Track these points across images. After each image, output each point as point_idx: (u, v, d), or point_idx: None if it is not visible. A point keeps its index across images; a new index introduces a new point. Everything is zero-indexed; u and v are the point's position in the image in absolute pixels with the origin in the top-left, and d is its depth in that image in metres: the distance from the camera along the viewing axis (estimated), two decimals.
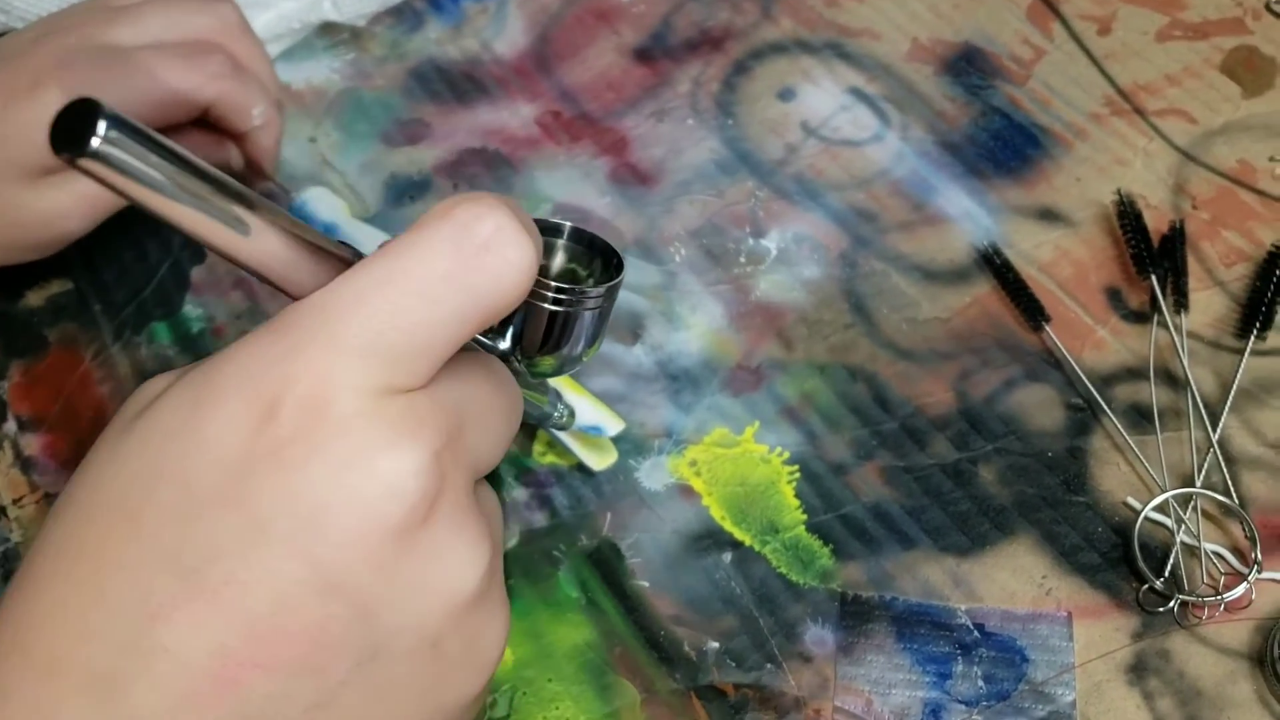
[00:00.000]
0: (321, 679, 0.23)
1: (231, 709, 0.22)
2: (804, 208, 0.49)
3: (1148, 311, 0.45)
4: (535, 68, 0.54)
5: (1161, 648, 0.38)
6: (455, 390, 0.25)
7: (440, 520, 0.24)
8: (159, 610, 0.22)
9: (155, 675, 0.22)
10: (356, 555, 0.23)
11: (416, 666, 0.24)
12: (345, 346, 0.23)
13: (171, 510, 0.22)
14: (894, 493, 0.41)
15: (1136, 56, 0.53)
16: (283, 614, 0.22)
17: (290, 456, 0.22)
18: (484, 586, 0.25)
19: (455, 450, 0.24)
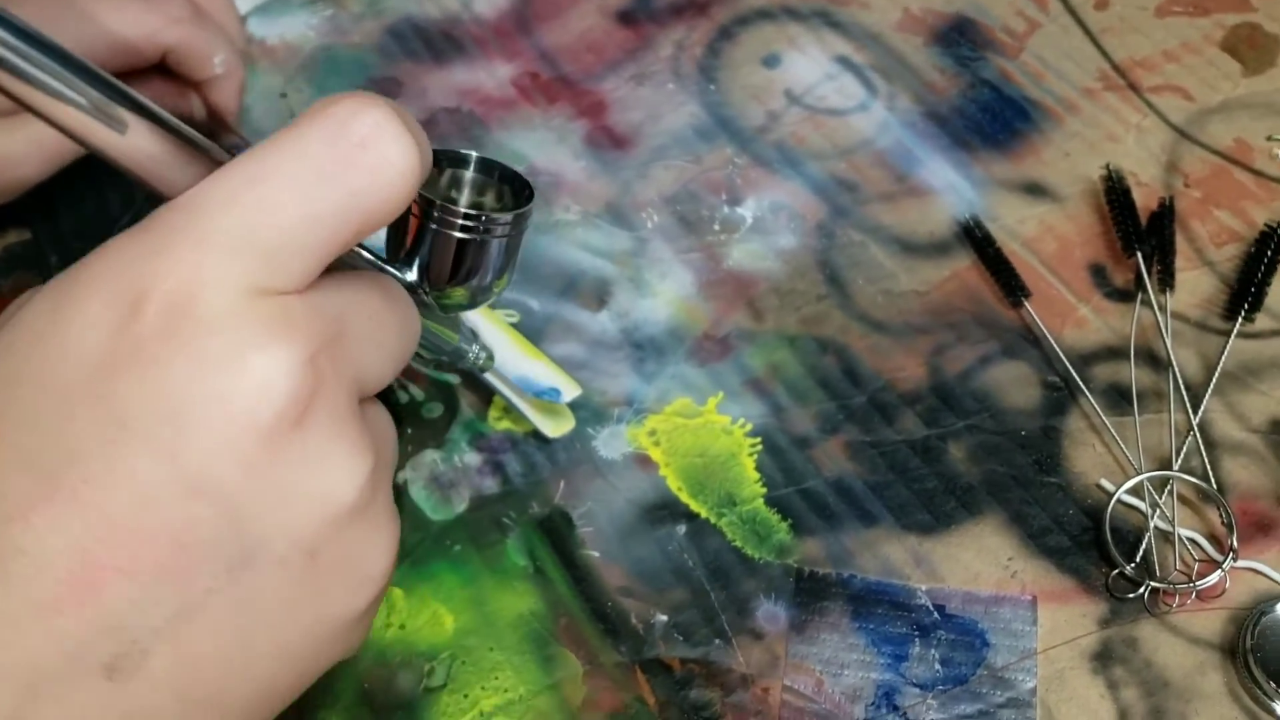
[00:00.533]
0: (187, 585, 0.22)
1: (92, 615, 0.21)
2: (783, 176, 0.47)
3: (1132, 290, 0.43)
4: (515, 28, 0.53)
5: (1129, 635, 0.36)
6: (338, 298, 0.24)
7: (314, 425, 0.23)
8: (16, 512, 0.21)
9: (12, 579, 0.21)
10: (222, 456, 0.22)
11: (291, 576, 0.23)
12: (214, 243, 0.22)
13: (31, 412, 0.22)
14: (858, 468, 0.39)
15: (1134, 31, 0.51)
16: (144, 515, 0.21)
17: (154, 354, 0.21)
18: (364, 499, 0.24)
19: (334, 357, 0.23)
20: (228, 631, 0.23)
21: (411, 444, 0.40)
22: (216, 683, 0.23)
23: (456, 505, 0.39)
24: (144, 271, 0.22)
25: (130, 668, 0.22)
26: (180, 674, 0.23)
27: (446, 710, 0.35)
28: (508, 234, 0.29)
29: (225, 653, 0.23)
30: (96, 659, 0.22)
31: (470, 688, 0.36)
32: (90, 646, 0.22)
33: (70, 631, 0.21)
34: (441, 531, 0.39)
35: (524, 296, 0.44)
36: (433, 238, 0.28)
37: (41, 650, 0.21)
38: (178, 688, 0.23)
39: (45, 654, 0.21)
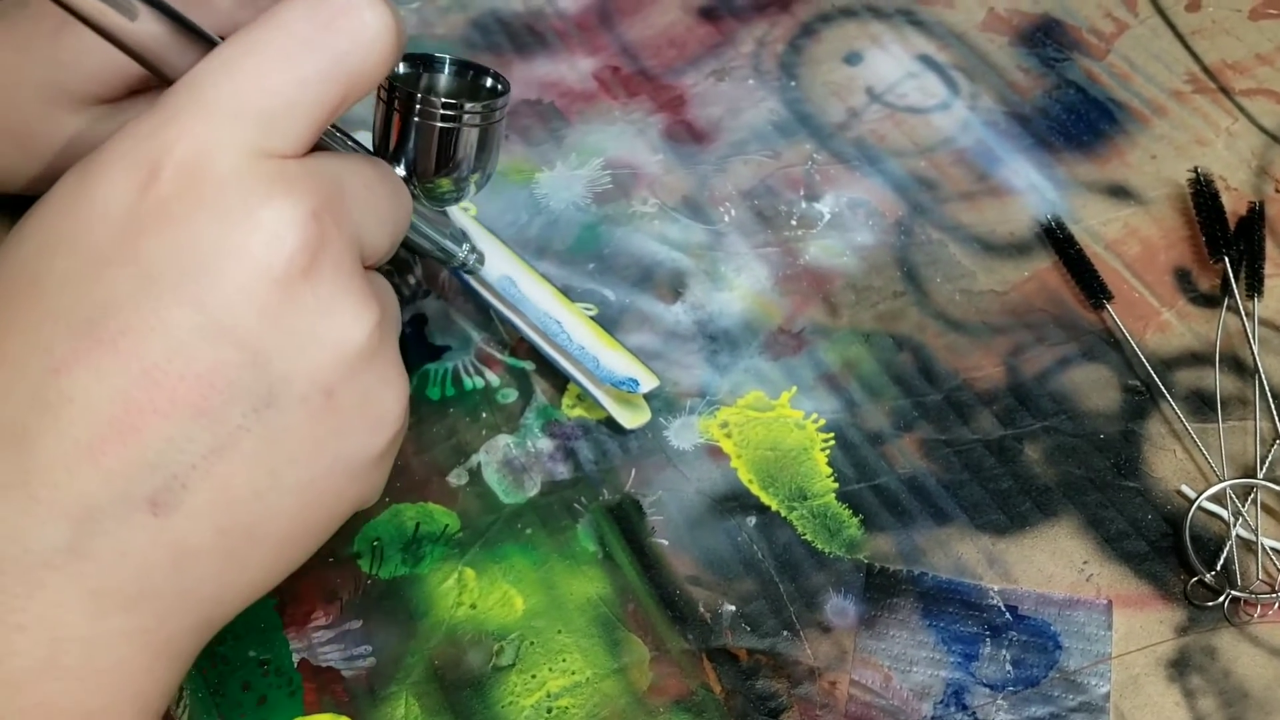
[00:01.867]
0: (218, 423, 0.24)
1: (135, 453, 0.24)
2: (862, 173, 0.47)
3: (1218, 295, 0.42)
4: (598, 22, 0.53)
5: (1207, 644, 0.35)
6: (333, 165, 0.26)
7: (323, 274, 0.25)
8: (61, 364, 0.23)
9: (61, 425, 0.23)
10: (243, 301, 0.24)
11: (312, 414, 0.26)
12: (217, 111, 0.24)
13: (67, 272, 0.24)
14: (932, 466, 0.39)
15: (1226, 34, 0.50)
16: (177, 360, 0.24)
17: (174, 213, 0.24)
18: (373, 345, 0.26)
19: (335, 213, 0.26)
20: (258, 467, 0.25)
21: (486, 428, 0.41)
22: (250, 516, 0.25)
23: (529, 489, 0.40)
24: (157, 141, 0.24)
25: (172, 502, 0.24)
26: (217, 507, 0.25)
27: (514, 690, 0.35)
28: (485, 122, 0.31)
29: (256, 487, 0.25)
30: (141, 494, 0.24)
31: (538, 668, 0.36)
32: (135, 483, 0.24)
33: (116, 470, 0.24)
34: (513, 514, 0.39)
35: (600, 287, 0.44)
36: (416, 131, 0.30)
37: (91, 488, 0.24)
38: (216, 520, 0.25)
39: (95, 492, 0.24)
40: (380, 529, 0.39)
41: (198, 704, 0.36)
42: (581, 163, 0.48)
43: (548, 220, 0.46)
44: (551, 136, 0.49)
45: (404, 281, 0.45)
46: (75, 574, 0.24)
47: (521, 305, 0.39)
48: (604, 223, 0.46)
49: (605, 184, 0.47)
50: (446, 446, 0.41)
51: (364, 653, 0.37)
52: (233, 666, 0.36)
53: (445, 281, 0.45)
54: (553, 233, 0.46)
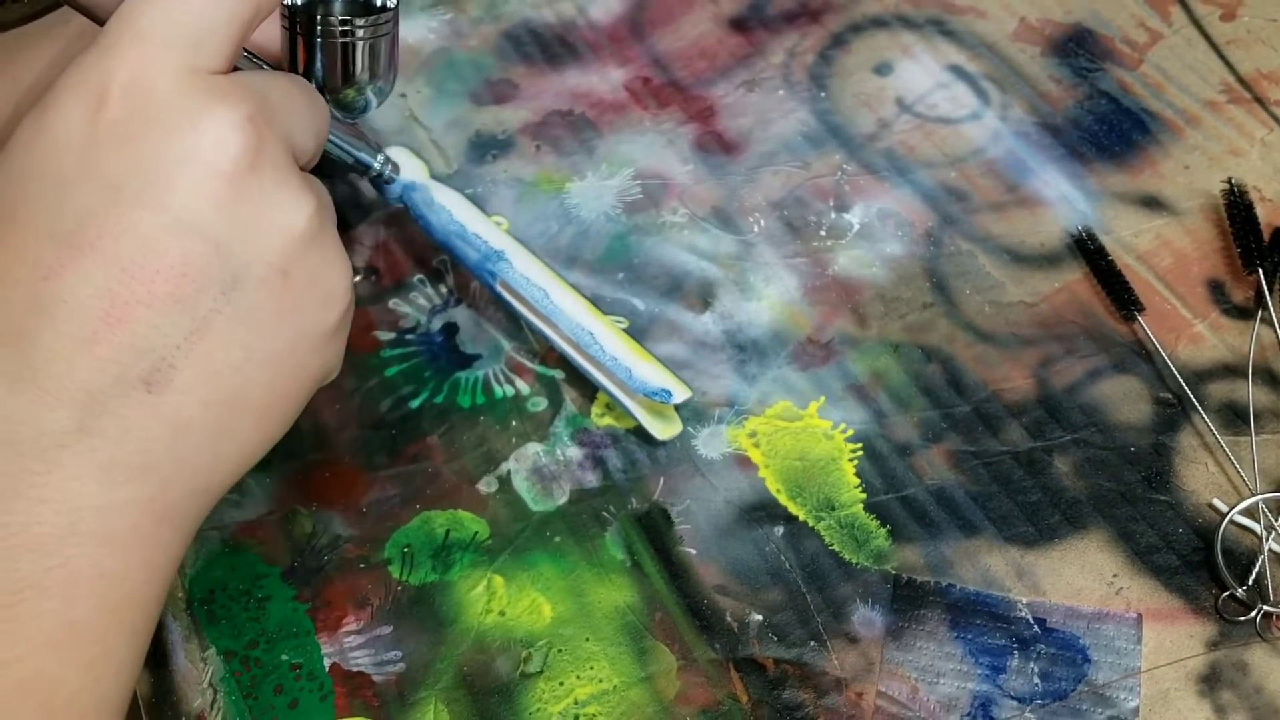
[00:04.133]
0: (193, 307, 0.28)
1: (125, 340, 0.27)
2: (892, 184, 0.47)
3: (1251, 308, 0.42)
4: (629, 33, 0.53)
5: (1239, 659, 0.35)
6: (255, 79, 0.30)
7: (264, 170, 0.29)
8: (49, 271, 0.27)
9: (57, 323, 0.27)
10: (199, 198, 0.27)
11: (272, 293, 0.29)
12: (149, 37, 0.27)
13: (41, 194, 0.27)
14: (960, 477, 0.39)
15: (1262, 44, 0.50)
16: (150, 255, 0.27)
17: (127, 131, 0.27)
18: (314, 228, 0.30)
19: (266, 117, 0.29)
20: (232, 342, 0.29)
21: (516, 437, 0.41)
22: (231, 387, 0.29)
23: (558, 497, 0.40)
24: (101, 70, 0.27)
25: (163, 380, 0.28)
26: (202, 381, 0.28)
27: (541, 697, 0.36)
28: (375, 35, 0.35)
29: (233, 360, 0.29)
30: (136, 375, 0.27)
31: (565, 676, 0.36)
32: (128, 367, 0.27)
33: (110, 357, 0.27)
34: (542, 522, 0.39)
35: (629, 296, 0.45)
36: (320, 50, 0.34)
37: (90, 375, 0.27)
38: (202, 393, 0.28)
39: (94, 378, 0.27)
40: (410, 536, 0.39)
41: (230, 706, 0.36)
42: (612, 173, 0.48)
43: (578, 230, 0.47)
44: (582, 147, 0.49)
45: (435, 291, 0.45)
46: (85, 450, 0.27)
47: (554, 316, 0.40)
48: (634, 232, 0.46)
49: (635, 194, 0.48)
50: (476, 454, 0.41)
51: (394, 658, 0.37)
52: (265, 670, 0.37)
53: (476, 291, 0.45)
54: (583, 242, 0.46)
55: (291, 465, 0.41)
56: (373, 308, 0.45)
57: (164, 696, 0.37)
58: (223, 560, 0.39)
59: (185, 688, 0.37)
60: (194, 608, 0.38)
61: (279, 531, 0.40)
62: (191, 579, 0.39)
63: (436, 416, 0.42)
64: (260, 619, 0.38)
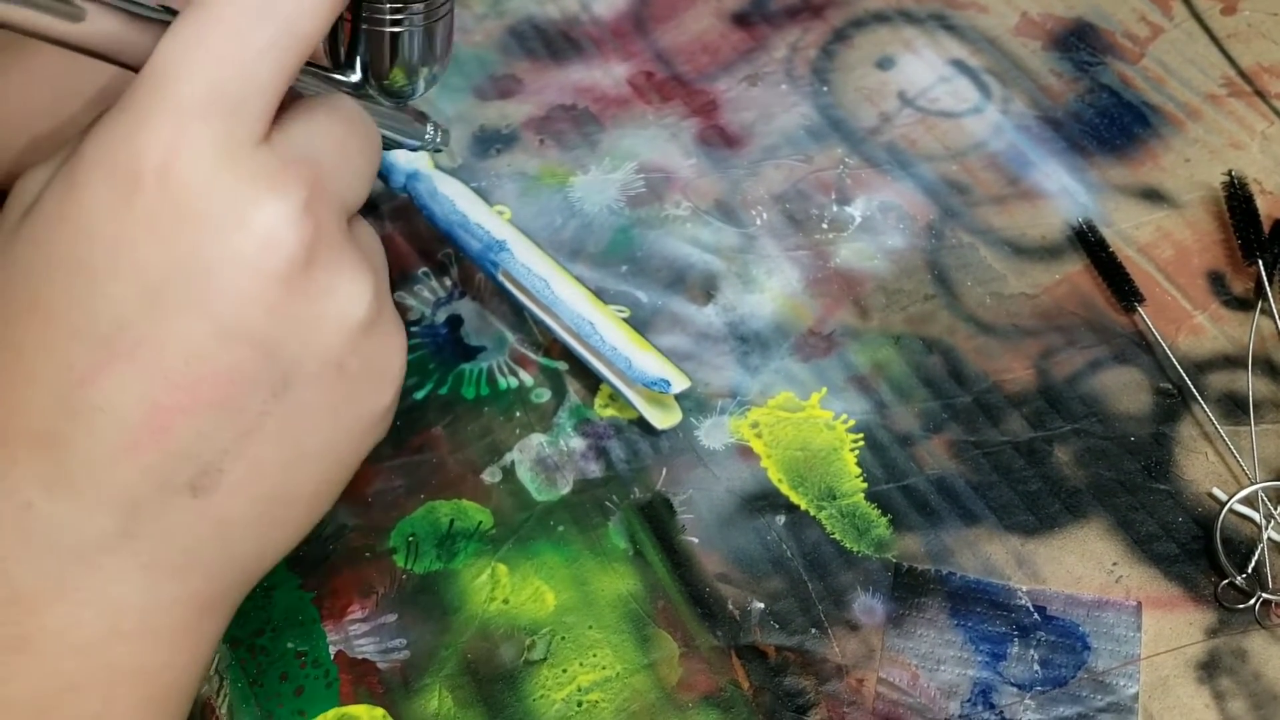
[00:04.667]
0: (241, 412, 0.26)
1: (168, 448, 0.25)
2: (893, 177, 0.47)
3: (1252, 299, 0.42)
4: (632, 29, 0.54)
5: (1238, 647, 0.35)
6: (306, 139, 0.27)
7: (321, 260, 0.26)
8: (84, 377, 0.25)
9: (94, 431, 0.25)
10: (248, 304, 0.25)
11: (326, 388, 0.27)
12: (183, 109, 0.24)
13: (70, 290, 0.25)
14: (961, 467, 0.39)
15: (1263, 38, 0.50)
16: (195, 364, 0.25)
17: (164, 225, 0.24)
18: (374, 311, 0.28)
19: (321, 195, 0.26)
20: (283, 442, 0.27)
21: (520, 428, 0.42)
22: (282, 484, 0.28)
23: (561, 487, 0.40)
24: (132, 149, 0.24)
25: (210, 484, 0.26)
26: (251, 482, 0.27)
27: (545, 684, 0.36)
28: (430, 20, 0.32)
29: (284, 459, 0.27)
30: (180, 481, 0.26)
31: (569, 663, 0.36)
32: (172, 473, 0.26)
33: (153, 464, 0.25)
34: (546, 512, 0.40)
35: (632, 289, 0.45)
36: (366, 37, 0.31)
37: (132, 481, 0.25)
38: (251, 493, 0.27)
39: (136, 483, 0.25)
40: (415, 525, 0.40)
41: (237, 694, 0.37)
42: (615, 167, 0.49)
43: (582, 223, 0.47)
44: (586, 141, 0.50)
45: (440, 284, 0.46)
46: (128, 554, 0.26)
47: (555, 307, 0.40)
48: (637, 226, 0.47)
49: (639, 188, 0.48)
50: (481, 445, 0.41)
51: (399, 645, 0.37)
52: (271, 658, 0.37)
53: (480, 284, 0.45)
54: (586, 235, 0.47)
55: None
56: None
57: None
58: None
59: None
60: None
61: None
62: None
63: (441, 408, 0.42)
64: (266, 607, 0.38)
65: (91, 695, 0.26)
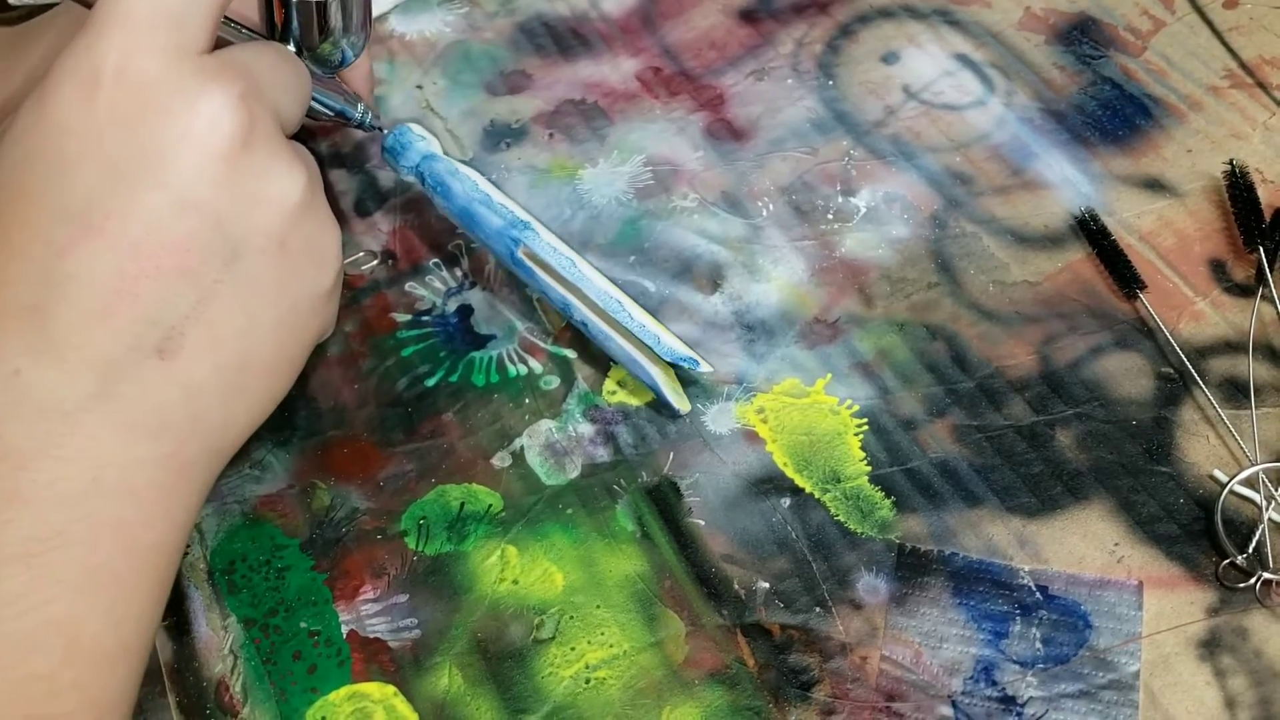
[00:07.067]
0: (198, 279, 0.30)
1: (136, 312, 0.29)
2: (898, 168, 0.48)
3: (1253, 285, 0.43)
4: (640, 25, 0.54)
5: (1239, 625, 0.36)
6: (240, 54, 0.31)
7: (257, 145, 0.30)
8: (61, 250, 0.29)
9: (72, 298, 0.29)
10: (198, 177, 0.29)
11: (271, 261, 0.31)
12: (134, 21, 0.29)
13: (46, 176, 0.29)
14: (964, 450, 0.40)
15: (1265, 30, 0.50)
16: (155, 233, 0.29)
17: (124, 115, 0.29)
18: (307, 197, 0.32)
19: (255, 93, 0.31)
20: (237, 310, 0.31)
21: (529, 414, 0.42)
22: (239, 350, 0.31)
23: (570, 472, 0.41)
24: (92, 56, 0.29)
25: (174, 347, 0.30)
26: (211, 347, 0.31)
27: (553, 662, 0.37)
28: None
29: (239, 326, 0.31)
30: (148, 344, 0.30)
31: (577, 641, 0.37)
32: (141, 336, 0.29)
33: (124, 328, 0.29)
34: (555, 495, 0.40)
35: (640, 279, 0.45)
36: (296, 11, 0.37)
37: (106, 345, 0.29)
38: (212, 358, 0.31)
39: (109, 347, 0.29)
40: (426, 508, 0.40)
41: (251, 672, 0.37)
42: (624, 160, 0.49)
43: (590, 215, 0.48)
44: (595, 135, 0.50)
45: (450, 274, 0.46)
46: (105, 414, 0.29)
47: (582, 284, 0.41)
48: (645, 217, 0.47)
49: (646, 180, 0.49)
50: (491, 431, 0.42)
51: (410, 625, 0.38)
52: (285, 637, 0.38)
53: (490, 273, 0.46)
54: (595, 227, 0.47)
55: (311, 441, 0.42)
56: (390, 291, 0.46)
57: (186, 663, 0.38)
58: (243, 532, 0.40)
59: (207, 654, 0.38)
60: (215, 578, 0.39)
61: (298, 505, 0.41)
62: (213, 550, 0.40)
63: (452, 395, 0.43)
64: (280, 588, 0.39)
65: (76, 544, 0.29)
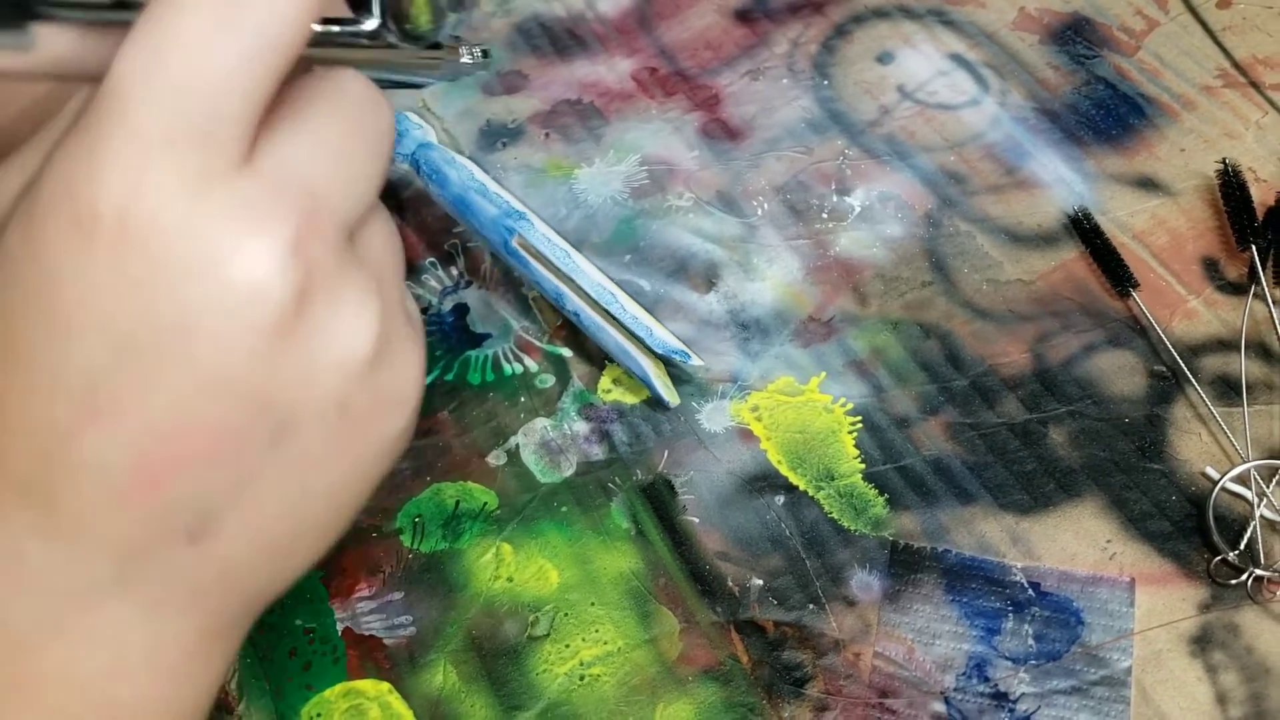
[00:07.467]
0: (237, 462, 0.23)
1: (162, 498, 0.23)
2: (892, 168, 0.48)
3: (1245, 284, 0.43)
4: (636, 25, 0.55)
5: (1230, 621, 0.36)
6: (300, 148, 0.23)
7: (318, 300, 0.23)
8: (66, 432, 0.22)
9: (81, 485, 0.23)
10: (233, 359, 0.22)
11: (330, 430, 0.24)
12: (143, 140, 0.21)
13: (41, 339, 0.22)
14: (957, 448, 0.40)
15: (1258, 30, 0.50)
16: (180, 417, 0.22)
17: (130, 273, 0.21)
18: (381, 340, 0.24)
19: (317, 222, 0.22)
20: (285, 487, 0.24)
21: (524, 412, 0.42)
22: (286, 527, 0.25)
23: (565, 470, 0.41)
24: (89, 188, 0.21)
25: (208, 531, 0.24)
26: (253, 528, 0.24)
27: (548, 658, 0.37)
28: None
29: (287, 503, 0.25)
30: (176, 529, 0.23)
31: (571, 639, 0.37)
32: (168, 521, 0.23)
33: (146, 515, 0.23)
34: (550, 493, 0.40)
35: (636, 277, 0.46)
36: None
37: (125, 531, 0.23)
38: (253, 538, 0.25)
39: (130, 533, 0.23)
40: (421, 506, 0.40)
41: (246, 670, 0.37)
42: (619, 159, 0.50)
43: (586, 214, 0.48)
44: (591, 135, 0.51)
45: (446, 273, 0.47)
46: (128, 595, 0.24)
47: (576, 275, 0.41)
48: (640, 216, 0.48)
49: (642, 179, 0.49)
50: (486, 429, 0.42)
51: (405, 622, 0.38)
52: (280, 634, 0.38)
53: (486, 272, 0.46)
54: (591, 226, 0.47)
55: None
56: None
57: None
58: None
59: None
60: None
61: None
62: None
63: (447, 393, 0.43)
64: None
65: None
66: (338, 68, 0.25)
